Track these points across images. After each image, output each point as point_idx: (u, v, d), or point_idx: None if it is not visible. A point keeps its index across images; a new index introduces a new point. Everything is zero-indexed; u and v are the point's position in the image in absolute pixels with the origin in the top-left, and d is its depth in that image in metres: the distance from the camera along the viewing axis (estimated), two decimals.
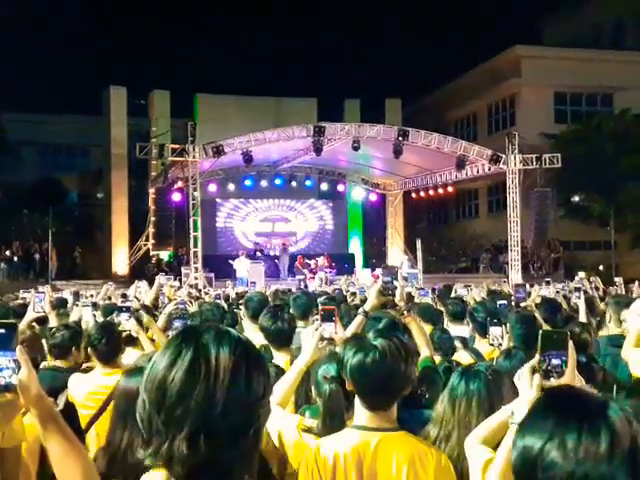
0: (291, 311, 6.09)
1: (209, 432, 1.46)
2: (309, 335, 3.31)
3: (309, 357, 3.22)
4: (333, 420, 2.94)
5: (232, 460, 1.50)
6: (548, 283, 13.12)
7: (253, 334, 5.59)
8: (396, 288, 4.09)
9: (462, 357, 5.14)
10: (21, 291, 11.71)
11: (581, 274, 14.02)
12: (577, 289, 8.91)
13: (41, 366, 5.03)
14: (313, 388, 3.20)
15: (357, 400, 2.79)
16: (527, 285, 12.18)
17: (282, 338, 4.80)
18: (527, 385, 2.26)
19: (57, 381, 4.68)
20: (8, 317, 6.57)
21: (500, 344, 4.91)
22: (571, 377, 2.22)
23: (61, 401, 4.44)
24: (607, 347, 5.64)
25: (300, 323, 5.84)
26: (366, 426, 2.74)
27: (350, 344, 2.86)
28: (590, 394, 1.44)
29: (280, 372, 3.63)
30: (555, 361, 2.23)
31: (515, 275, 26.58)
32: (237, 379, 1.50)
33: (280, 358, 4.58)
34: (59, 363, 5.09)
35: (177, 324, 5.57)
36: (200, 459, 1.46)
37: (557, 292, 11.20)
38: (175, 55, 46.13)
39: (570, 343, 2.26)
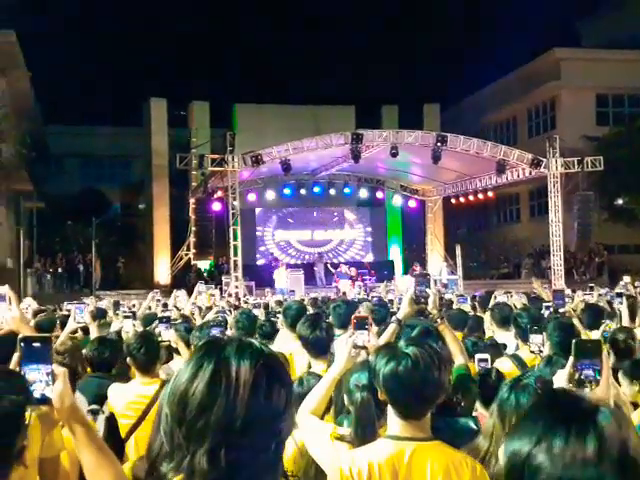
0: (331, 319, 6.10)
1: (230, 447, 1.44)
2: (342, 344, 3.30)
3: (342, 366, 3.20)
4: (365, 429, 2.93)
5: (253, 474, 1.48)
6: (592, 288, 12.95)
7: (291, 343, 5.61)
8: (429, 296, 4.07)
9: (504, 364, 5.10)
10: (65, 303, 11.89)
11: (626, 278, 13.75)
12: (619, 294, 8.75)
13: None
14: (345, 397, 3.19)
15: (390, 409, 2.77)
16: (567, 290, 12.01)
17: (320, 347, 4.80)
18: None
19: (103, 388, 4.76)
20: (53, 329, 6.68)
21: (541, 351, 4.85)
22: (605, 386, 2.19)
23: (107, 408, 4.51)
24: None
25: (339, 332, 5.83)
26: (400, 436, 2.72)
27: (382, 352, 2.84)
28: (582, 398, 1.40)
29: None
30: (588, 371, 2.20)
31: (558, 280, 26.24)
32: (258, 393, 1.48)
33: (318, 367, 4.57)
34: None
35: (214, 332, 5.61)
36: (221, 474, 1.44)
37: (600, 295, 11.04)
38: (214, 66, 46.55)
39: (604, 352, 2.23)
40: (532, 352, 5.05)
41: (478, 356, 4.68)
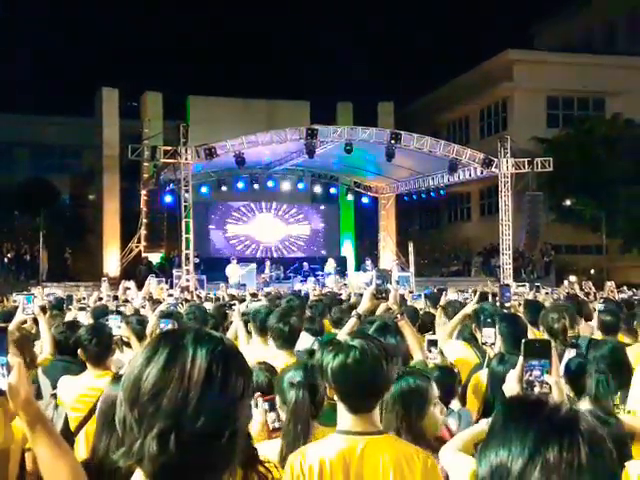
0: None
1: (180, 431, 1.42)
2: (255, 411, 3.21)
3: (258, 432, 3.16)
4: (297, 427, 2.93)
5: (204, 462, 1.46)
6: (537, 288, 13.22)
7: (261, 348, 5.50)
8: (389, 291, 4.10)
9: (464, 352, 5.38)
10: (14, 294, 11.69)
11: (572, 278, 14.11)
12: (567, 295, 8.94)
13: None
14: (278, 397, 3.15)
15: (340, 405, 2.76)
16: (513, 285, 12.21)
17: (288, 339, 4.80)
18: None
19: (68, 372, 4.76)
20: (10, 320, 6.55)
21: (493, 343, 4.95)
22: (559, 388, 2.20)
23: None
24: None
25: None
26: (351, 430, 2.71)
27: (328, 348, 2.81)
28: (557, 405, 1.39)
29: (273, 372, 3.60)
30: (536, 372, 2.22)
31: (507, 279, 26.64)
32: (212, 379, 1.46)
33: (281, 359, 4.56)
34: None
35: (162, 325, 5.56)
36: (170, 458, 1.42)
37: (547, 294, 11.27)
38: (167, 57, 46.09)
39: (554, 352, 2.24)
40: (484, 344, 5.16)
41: (428, 337, 4.76)
